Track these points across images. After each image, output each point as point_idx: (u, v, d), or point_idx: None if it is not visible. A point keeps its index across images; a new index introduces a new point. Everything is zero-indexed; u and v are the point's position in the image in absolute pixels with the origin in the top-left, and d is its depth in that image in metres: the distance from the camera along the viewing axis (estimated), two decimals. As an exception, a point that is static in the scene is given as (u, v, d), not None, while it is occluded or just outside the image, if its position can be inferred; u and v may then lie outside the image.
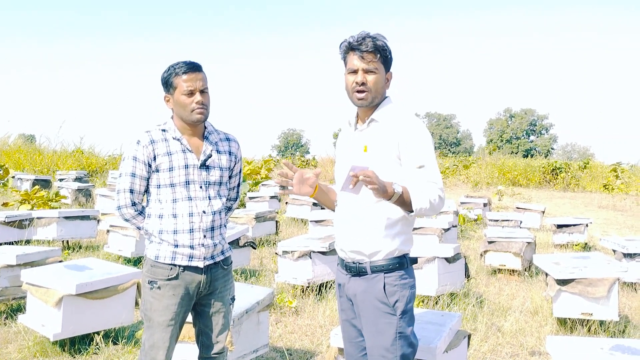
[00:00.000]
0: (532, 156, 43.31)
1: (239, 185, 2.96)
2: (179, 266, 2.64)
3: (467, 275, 6.33)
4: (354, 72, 2.41)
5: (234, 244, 6.56)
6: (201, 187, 2.69)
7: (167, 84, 2.67)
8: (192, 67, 2.63)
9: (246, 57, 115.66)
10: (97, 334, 4.28)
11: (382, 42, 2.40)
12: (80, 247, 8.25)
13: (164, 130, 2.71)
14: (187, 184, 2.66)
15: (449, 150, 59.98)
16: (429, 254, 5.53)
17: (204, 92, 2.65)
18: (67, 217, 7.86)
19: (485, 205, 12.79)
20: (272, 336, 4.67)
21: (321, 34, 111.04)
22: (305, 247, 5.87)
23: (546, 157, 46.64)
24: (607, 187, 20.20)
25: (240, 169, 2.93)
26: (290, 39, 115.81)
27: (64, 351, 4.23)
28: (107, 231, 7.40)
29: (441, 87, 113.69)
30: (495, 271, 7.33)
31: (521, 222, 9.89)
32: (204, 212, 2.67)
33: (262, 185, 14.72)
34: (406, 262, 2.43)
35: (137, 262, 7.09)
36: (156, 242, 2.67)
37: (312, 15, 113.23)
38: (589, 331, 4.89)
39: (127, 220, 2.74)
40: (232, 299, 2.85)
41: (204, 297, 2.74)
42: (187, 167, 2.66)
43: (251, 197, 12.12)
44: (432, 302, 5.57)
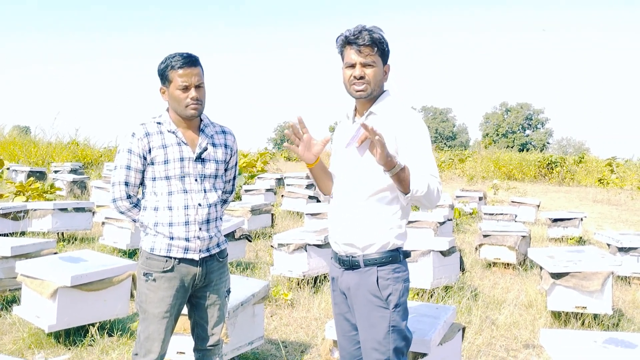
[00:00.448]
0: (527, 150, 43.43)
1: (234, 178, 2.95)
2: (175, 258, 2.64)
3: (462, 268, 6.35)
4: (351, 66, 2.40)
5: (230, 236, 6.56)
6: (196, 180, 2.68)
7: (163, 77, 2.65)
8: (189, 62, 2.61)
9: (242, 50, 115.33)
10: (92, 325, 4.28)
11: (378, 35, 2.39)
12: (75, 239, 8.23)
13: (159, 122, 2.69)
14: (183, 177, 2.65)
15: (445, 144, 60.03)
16: (424, 247, 5.54)
17: (199, 87, 2.64)
18: (62, 209, 7.84)
19: (480, 199, 12.83)
20: (268, 328, 4.68)
21: (317, 26, 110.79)
22: (300, 240, 5.88)
23: (542, 151, 46.73)
24: (602, 181, 20.28)
25: (236, 162, 2.93)
26: (286, 32, 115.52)
27: (59, 343, 4.22)
28: (103, 223, 7.39)
29: (437, 81, 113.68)
30: (490, 264, 7.36)
31: (516, 215, 9.93)
32: (200, 204, 2.66)
33: (258, 178, 14.72)
34: (399, 256, 2.43)
35: (132, 254, 7.08)
36: (151, 235, 2.67)
37: (308, 8, 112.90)
38: (583, 324, 4.92)
39: (122, 212, 2.73)
40: (228, 291, 2.85)
41: (199, 289, 2.74)
42: (182, 160, 2.65)
43: (247, 190, 12.12)
44: (427, 295, 5.59)
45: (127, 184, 2.67)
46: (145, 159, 2.65)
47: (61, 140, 20.60)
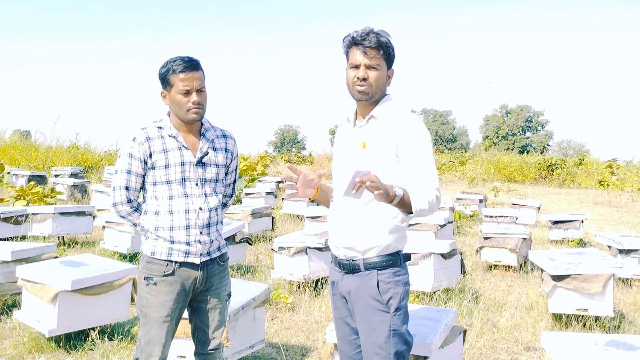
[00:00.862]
0: (527, 152, 43.40)
1: (234, 181, 2.96)
2: (175, 262, 2.64)
3: (462, 271, 6.34)
4: (355, 67, 2.41)
5: (230, 240, 6.56)
6: (197, 184, 2.68)
7: (164, 81, 2.65)
8: (190, 66, 2.61)
9: (242, 52, 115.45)
10: (93, 329, 4.27)
11: (385, 39, 2.39)
12: (75, 243, 8.23)
13: (160, 127, 2.70)
14: (183, 181, 2.66)
15: (445, 146, 60.00)
16: (424, 250, 5.54)
17: (200, 91, 2.64)
18: (62, 213, 7.84)
19: (481, 201, 12.82)
20: (268, 332, 4.68)
21: (318, 29, 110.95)
22: (301, 243, 5.87)
23: (542, 153, 46.72)
24: (603, 183, 20.28)
25: (236, 166, 2.93)
26: (286, 34, 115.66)
27: (60, 347, 4.22)
28: (103, 227, 7.38)
29: (437, 83, 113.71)
30: (490, 267, 7.35)
31: (517, 218, 9.93)
32: (201, 209, 2.67)
33: (258, 181, 14.71)
34: (400, 259, 2.42)
35: (132, 258, 7.08)
36: (152, 239, 2.67)
37: (308, 10, 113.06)
38: (584, 327, 4.92)
39: (122, 217, 2.73)
40: (229, 295, 2.85)
41: (200, 293, 2.74)
42: (183, 164, 2.66)
43: (247, 193, 12.12)
44: (427, 298, 5.58)
45: (127, 188, 2.67)
46: (146, 163, 2.65)
47: (62, 144, 20.60)
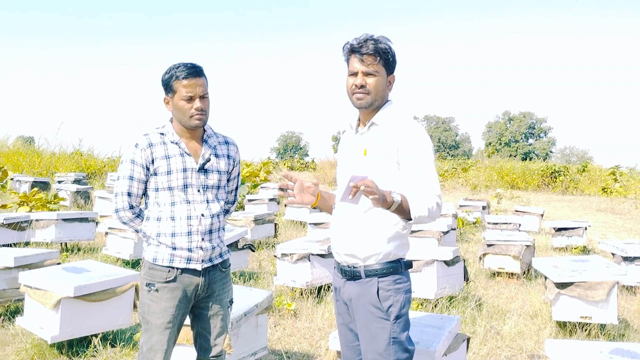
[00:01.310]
0: (530, 159, 43.34)
1: (237, 188, 2.96)
2: (177, 269, 2.63)
3: (466, 278, 6.33)
4: (354, 75, 2.41)
5: (233, 246, 6.55)
6: (199, 191, 2.68)
7: (167, 87, 2.66)
8: (193, 72, 2.61)
9: (245, 58, 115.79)
10: (95, 336, 4.26)
11: (384, 45, 2.39)
12: (78, 249, 8.23)
13: (162, 133, 2.70)
14: (185, 187, 2.66)
15: (448, 153, 60.04)
16: (428, 257, 5.52)
17: (203, 97, 2.65)
18: (65, 220, 7.85)
19: (484, 208, 12.79)
20: (271, 339, 4.66)
21: (321, 36, 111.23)
22: (304, 250, 5.86)
23: (545, 160, 46.68)
24: (606, 190, 20.21)
25: (238, 172, 2.93)
26: (289, 40, 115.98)
27: (62, 354, 4.21)
28: (106, 233, 7.38)
29: (440, 90, 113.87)
30: (494, 274, 7.33)
31: (520, 225, 9.90)
32: (203, 215, 2.66)
33: (261, 187, 14.72)
34: (401, 267, 2.41)
35: (135, 264, 7.07)
36: (154, 245, 2.67)
37: (312, 17, 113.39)
38: (588, 335, 4.89)
39: (124, 223, 2.73)
40: (230, 301, 2.84)
41: (202, 299, 2.74)
42: (185, 170, 2.66)
43: (250, 200, 12.12)
44: (431, 305, 5.56)
45: (129, 195, 2.67)
46: (148, 169, 2.65)
47: (65, 150, 20.67)
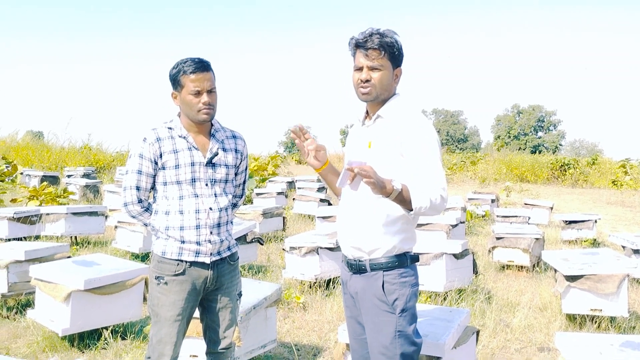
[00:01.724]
0: (540, 152, 43.11)
1: (244, 182, 2.96)
2: (186, 262, 2.64)
3: (475, 271, 6.31)
4: (359, 69, 2.41)
5: (242, 239, 6.57)
6: (207, 185, 2.69)
7: (175, 82, 2.66)
8: (201, 67, 2.61)
9: (253, 52, 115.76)
10: (106, 329, 4.29)
11: (390, 39, 2.37)
12: (88, 243, 8.28)
13: (170, 127, 2.71)
14: (193, 181, 2.66)
15: (457, 146, 59.78)
16: (436, 250, 5.51)
17: (211, 92, 2.65)
18: (75, 213, 7.89)
19: (493, 201, 12.73)
20: (280, 332, 4.67)
21: (329, 29, 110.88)
22: (312, 243, 5.87)
23: (554, 153, 46.41)
24: (616, 183, 20.07)
25: (246, 166, 2.93)
26: (297, 34, 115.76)
27: (73, 346, 4.24)
28: (115, 227, 7.42)
29: (448, 84, 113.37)
30: (503, 267, 7.30)
31: (529, 218, 9.85)
32: (211, 209, 2.67)
33: (269, 181, 14.74)
34: (407, 260, 2.41)
35: (144, 257, 7.11)
36: (163, 238, 2.68)
37: (320, 10, 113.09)
38: (599, 327, 4.87)
39: (133, 216, 2.74)
40: (239, 294, 2.85)
41: (211, 292, 2.75)
42: (193, 164, 2.66)
43: (258, 194, 12.14)
44: (440, 298, 5.55)
45: (138, 189, 2.68)
46: (156, 163, 2.66)
47: (74, 145, 20.79)
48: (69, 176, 14.37)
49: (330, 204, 10.75)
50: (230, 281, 2.78)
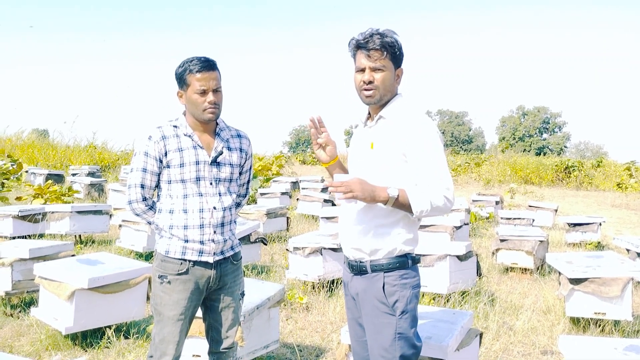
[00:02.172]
0: (544, 154, 43.05)
1: (249, 181, 2.96)
2: (189, 261, 2.65)
3: (478, 273, 6.29)
4: (361, 71, 2.39)
5: (245, 239, 6.57)
6: (211, 184, 2.69)
7: (181, 81, 2.67)
8: (207, 66, 2.62)
9: (258, 52, 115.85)
10: (109, 327, 4.30)
11: (390, 39, 2.35)
12: (92, 241, 8.30)
13: (175, 126, 2.71)
14: (198, 180, 2.66)
15: (461, 147, 59.65)
16: (440, 252, 5.50)
17: (217, 91, 2.65)
18: (79, 212, 7.92)
19: (497, 203, 12.71)
20: (283, 332, 4.68)
21: (334, 29, 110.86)
22: (316, 244, 5.87)
23: (559, 155, 46.31)
24: (621, 185, 19.99)
25: (250, 166, 2.93)
26: (301, 34, 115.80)
27: (76, 345, 4.25)
28: (119, 226, 7.44)
29: (453, 85, 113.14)
30: (507, 269, 7.28)
31: (533, 220, 9.82)
32: (215, 208, 2.67)
33: (273, 181, 14.76)
34: (408, 262, 2.39)
35: (148, 256, 7.12)
36: (166, 237, 2.68)
37: (325, 10, 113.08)
38: (602, 331, 4.85)
39: (137, 215, 2.75)
40: (242, 294, 2.85)
41: (213, 292, 2.75)
42: (198, 163, 2.66)
43: (262, 193, 12.15)
44: (443, 300, 5.54)
45: (143, 187, 2.68)
46: (161, 161, 2.66)
47: (79, 143, 20.85)
48: (73, 175, 14.41)
49: (334, 205, 10.75)
50: (233, 281, 2.78)
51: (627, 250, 6.87)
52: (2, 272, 4.90)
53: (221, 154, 2.72)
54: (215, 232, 2.67)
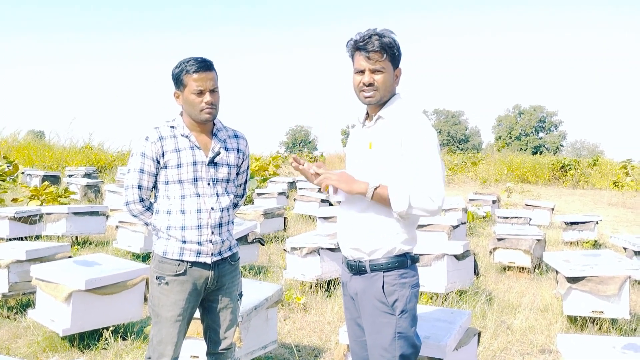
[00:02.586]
0: (541, 153, 43.09)
1: (246, 182, 2.96)
2: (187, 262, 2.64)
3: (476, 272, 6.29)
4: (361, 72, 2.38)
5: (242, 240, 6.56)
6: (209, 184, 2.68)
7: (178, 81, 2.66)
8: (203, 66, 2.61)
9: (254, 52, 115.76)
10: (106, 329, 4.29)
11: (389, 40, 2.35)
12: (89, 243, 8.28)
13: (172, 126, 2.70)
14: (195, 180, 2.66)
15: (457, 146, 59.71)
16: (438, 251, 5.50)
17: (213, 91, 2.64)
18: (76, 213, 7.89)
19: (494, 202, 12.72)
20: (281, 332, 4.67)
21: (330, 29, 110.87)
22: (313, 244, 5.86)
23: (555, 154, 46.40)
24: (617, 184, 20.03)
25: (247, 166, 2.93)
26: (298, 34, 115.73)
27: (73, 346, 4.24)
28: (116, 227, 7.42)
29: (449, 84, 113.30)
30: (504, 268, 7.29)
31: (530, 219, 9.84)
32: (212, 208, 2.66)
33: (270, 181, 14.73)
34: (407, 261, 2.39)
35: (145, 257, 7.11)
36: (164, 238, 2.67)
37: (322, 10, 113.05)
38: (600, 329, 4.86)
39: (135, 216, 2.74)
40: (240, 294, 2.85)
41: (211, 292, 2.74)
42: (195, 164, 2.66)
43: (259, 194, 12.13)
44: (440, 300, 5.54)
45: (140, 187, 2.68)
46: (158, 162, 2.66)
47: (75, 144, 20.78)
48: (70, 176, 14.37)
49: (331, 205, 10.75)
50: (231, 281, 2.78)
51: (624, 248, 6.89)
52: (-2, 274, 4.87)
53: (218, 154, 2.72)
54: (213, 232, 2.66)
